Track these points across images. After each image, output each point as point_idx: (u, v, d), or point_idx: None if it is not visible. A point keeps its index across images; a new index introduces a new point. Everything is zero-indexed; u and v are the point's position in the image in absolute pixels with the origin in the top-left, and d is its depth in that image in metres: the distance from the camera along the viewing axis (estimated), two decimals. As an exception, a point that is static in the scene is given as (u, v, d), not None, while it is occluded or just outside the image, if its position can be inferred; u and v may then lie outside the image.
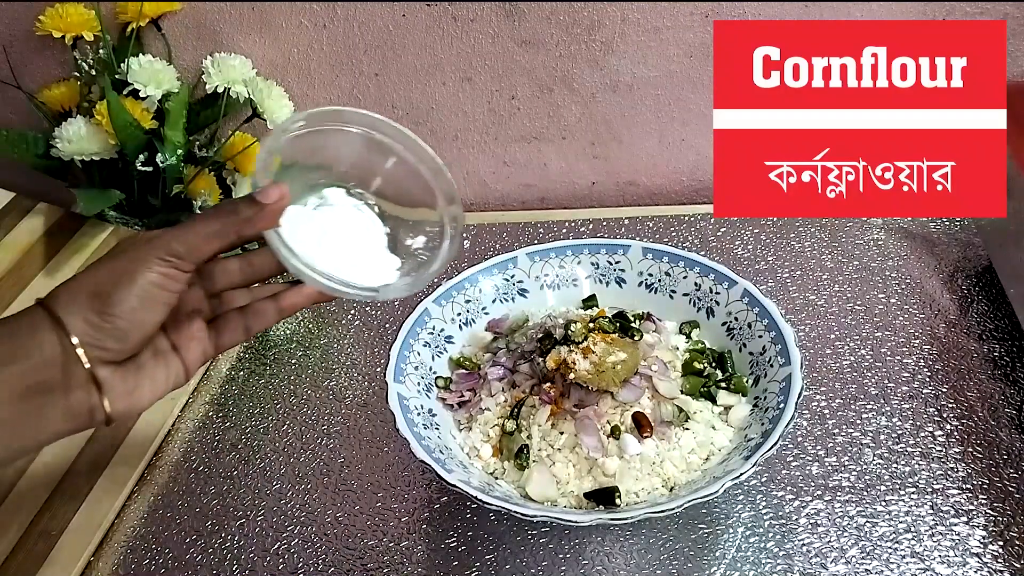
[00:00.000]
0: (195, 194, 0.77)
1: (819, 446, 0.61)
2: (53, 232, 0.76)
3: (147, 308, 0.43)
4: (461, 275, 0.66)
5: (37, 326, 0.42)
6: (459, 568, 0.55)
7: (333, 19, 0.80)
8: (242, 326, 0.50)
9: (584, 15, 0.79)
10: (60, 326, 0.41)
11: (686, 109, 0.84)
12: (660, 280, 0.66)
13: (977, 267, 0.75)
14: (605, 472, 0.54)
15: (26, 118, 0.84)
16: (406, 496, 0.60)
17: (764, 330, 0.60)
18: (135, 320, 0.43)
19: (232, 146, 0.78)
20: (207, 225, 0.44)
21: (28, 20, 0.78)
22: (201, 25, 0.81)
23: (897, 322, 0.70)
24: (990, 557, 0.53)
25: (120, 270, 0.42)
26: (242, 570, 0.56)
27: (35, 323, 0.42)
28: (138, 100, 0.75)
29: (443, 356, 0.63)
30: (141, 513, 0.61)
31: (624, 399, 0.56)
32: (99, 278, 0.42)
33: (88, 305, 0.42)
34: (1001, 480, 0.58)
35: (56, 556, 0.57)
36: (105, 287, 0.42)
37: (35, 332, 0.41)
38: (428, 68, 0.83)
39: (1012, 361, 0.66)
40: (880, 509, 0.56)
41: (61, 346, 0.41)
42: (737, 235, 0.81)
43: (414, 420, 0.56)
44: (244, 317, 0.50)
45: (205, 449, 0.65)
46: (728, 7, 0.78)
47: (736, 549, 0.55)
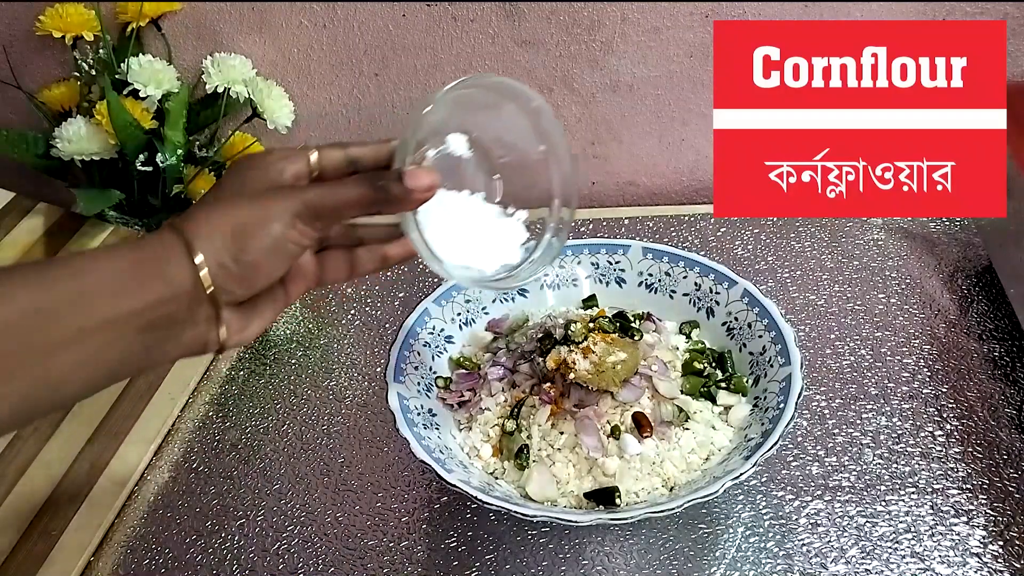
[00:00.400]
0: (195, 194, 0.77)
1: (819, 446, 0.61)
2: (53, 232, 0.76)
3: (277, 261, 0.43)
4: (461, 275, 0.66)
5: (170, 256, 0.40)
6: (459, 568, 0.55)
7: (333, 19, 0.80)
8: (346, 266, 0.49)
9: (584, 15, 0.79)
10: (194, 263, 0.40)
11: (686, 109, 0.84)
12: (660, 280, 0.66)
13: (977, 267, 0.75)
14: (605, 472, 0.54)
15: (26, 118, 0.84)
16: (406, 496, 0.60)
17: (764, 330, 0.60)
18: (263, 271, 0.42)
19: (232, 146, 0.79)
20: (351, 193, 0.43)
21: (28, 20, 0.78)
22: (201, 25, 0.81)
23: (897, 322, 0.70)
24: (990, 557, 0.53)
25: (258, 218, 0.41)
26: (242, 570, 0.56)
27: (168, 253, 0.40)
28: (138, 100, 0.75)
29: (443, 356, 0.63)
30: (141, 513, 0.61)
31: (624, 399, 0.56)
32: (239, 220, 0.41)
33: (224, 247, 0.41)
34: (1001, 480, 0.58)
35: (56, 556, 0.57)
36: (243, 232, 0.41)
37: (168, 263, 0.40)
38: (428, 68, 0.83)
39: (1012, 361, 0.66)
40: (880, 509, 0.56)
41: (192, 284, 0.40)
42: (737, 235, 0.81)
43: (414, 420, 0.56)
44: (349, 257, 0.49)
45: (205, 449, 0.65)
46: (728, 7, 0.78)
47: (736, 549, 0.55)
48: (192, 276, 0.40)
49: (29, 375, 0.37)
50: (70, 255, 0.41)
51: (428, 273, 0.79)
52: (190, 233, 0.41)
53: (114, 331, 0.39)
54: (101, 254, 0.41)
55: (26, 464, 0.63)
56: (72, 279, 0.39)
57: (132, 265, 0.40)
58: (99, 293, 0.39)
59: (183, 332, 0.42)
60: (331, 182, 0.45)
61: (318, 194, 0.43)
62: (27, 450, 0.64)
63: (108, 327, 0.39)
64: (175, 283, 0.40)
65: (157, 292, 0.40)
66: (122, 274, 0.40)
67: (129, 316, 0.39)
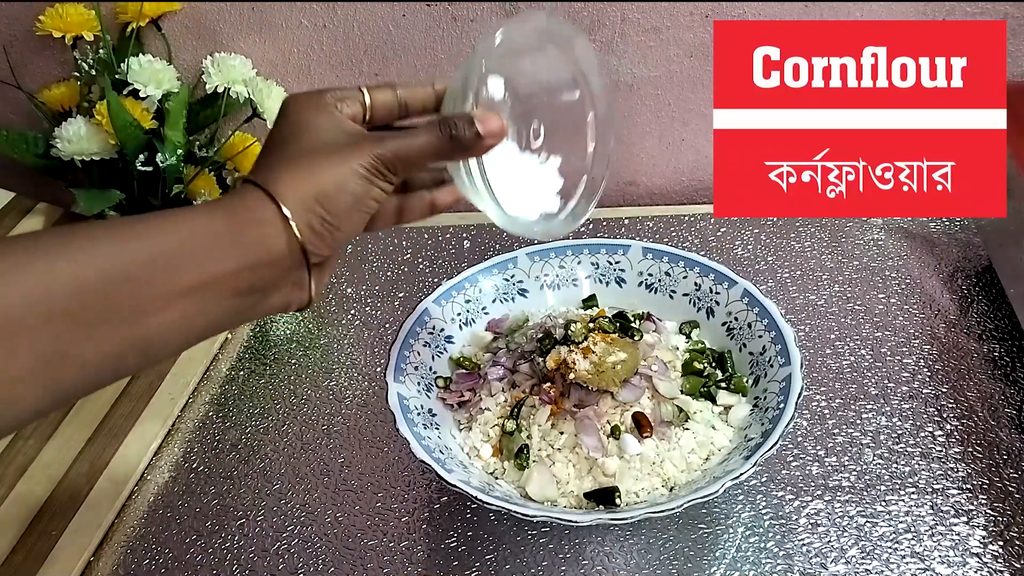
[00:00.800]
0: (195, 194, 0.77)
1: (819, 446, 0.61)
2: (53, 232, 0.76)
3: (358, 218, 0.43)
4: (461, 275, 0.66)
5: (264, 221, 0.40)
6: (459, 568, 0.55)
7: (333, 19, 0.80)
8: (394, 212, 0.49)
9: (584, 15, 0.79)
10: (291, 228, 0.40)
11: (686, 109, 0.84)
12: (660, 280, 0.66)
13: (977, 267, 0.75)
14: (605, 472, 0.54)
15: (26, 118, 0.84)
16: (406, 496, 0.60)
17: (764, 330, 0.60)
18: (346, 229, 0.43)
19: (232, 146, 0.79)
20: (425, 142, 0.43)
21: (28, 20, 0.78)
22: (201, 25, 0.81)
23: (897, 322, 0.70)
24: (990, 557, 0.53)
25: (338, 178, 0.41)
26: (242, 570, 0.56)
27: (262, 217, 0.40)
28: (138, 100, 0.75)
29: (443, 356, 0.63)
30: (141, 513, 0.61)
31: (624, 399, 0.56)
32: (321, 182, 0.41)
33: (310, 209, 0.41)
34: (1001, 480, 0.58)
35: (56, 556, 0.57)
36: (326, 195, 0.41)
37: (264, 225, 0.40)
38: (428, 68, 0.83)
39: (1012, 361, 0.66)
40: (880, 509, 0.56)
41: (289, 248, 0.41)
42: (737, 235, 0.81)
43: (414, 420, 0.56)
44: (398, 204, 0.49)
45: (205, 449, 0.65)
46: (728, 7, 0.78)
47: (736, 549, 0.55)
48: (289, 240, 0.40)
49: (116, 336, 0.37)
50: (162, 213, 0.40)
51: (428, 273, 0.79)
52: (281, 195, 0.40)
53: (208, 294, 0.39)
54: (194, 213, 0.40)
55: (26, 464, 0.63)
56: (165, 238, 0.38)
57: (229, 227, 0.40)
58: (194, 255, 0.38)
59: (274, 294, 0.42)
60: (402, 132, 0.44)
61: (392, 147, 0.43)
62: (27, 450, 0.64)
63: (202, 289, 0.38)
64: (272, 247, 0.40)
65: (255, 255, 0.40)
66: (219, 236, 0.39)
67: (224, 278, 0.39)
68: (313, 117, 0.44)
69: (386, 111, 0.47)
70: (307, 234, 0.41)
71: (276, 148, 0.43)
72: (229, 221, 0.40)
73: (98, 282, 0.36)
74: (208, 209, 0.40)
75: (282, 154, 0.43)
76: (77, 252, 0.36)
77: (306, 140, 0.43)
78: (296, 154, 0.42)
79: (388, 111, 0.47)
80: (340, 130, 0.44)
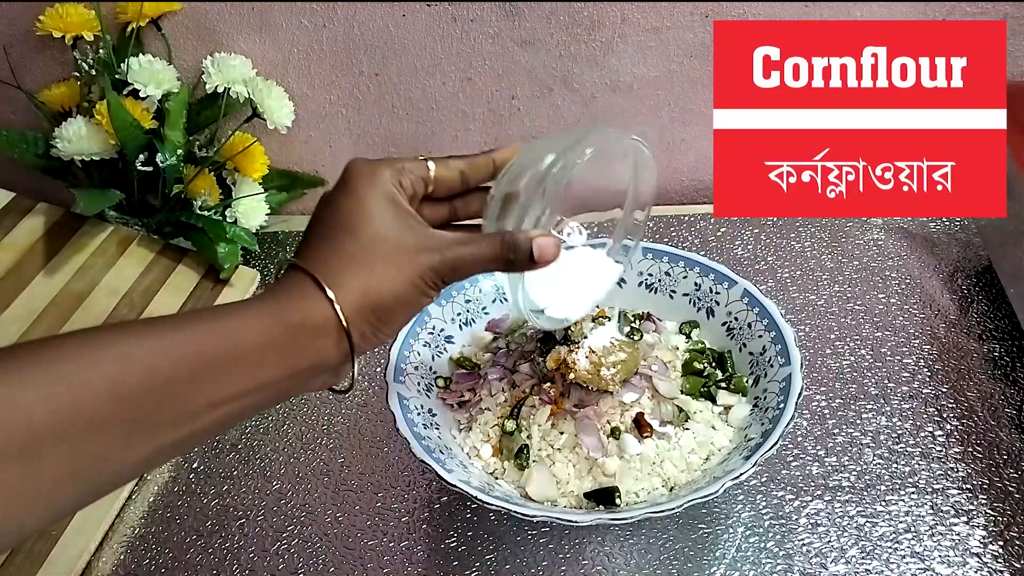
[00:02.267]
0: (195, 194, 0.77)
1: (819, 446, 0.61)
2: (53, 232, 0.76)
3: (403, 323, 0.44)
4: (461, 275, 0.66)
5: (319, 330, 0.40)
6: (459, 568, 0.55)
7: (333, 19, 0.80)
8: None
9: (584, 15, 0.79)
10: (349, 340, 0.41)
11: (686, 109, 0.84)
12: (660, 280, 0.66)
13: (977, 267, 0.75)
14: (605, 472, 0.54)
15: (26, 118, 0.84)
16: (406, 496, 0.60)
17: (764, 330, 0.60)
18: (391, 334, 0.43)
19: (232, 146, 0.78)
20: (482, 258, 0.44)
21: (28, 20, 0.78)
22: (201, 25, 0.81)
23: (897, 322, 0.70)
24: (990, 557, 0.53)
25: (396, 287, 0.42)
26: (242, 570, 0.56)
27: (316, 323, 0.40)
28: (138, 100, 0.75)
29: (443, 356, 0.63)
30: (141, 513, 0.61)
31: (624, 399, 0.56)
32: (380, 291, 0.41)
33: (367, 319, 0.41)
34: (1001, 480, 0.58)
35: (56, 556, 0.57)
36: (385, 304, 0.41)
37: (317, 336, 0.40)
38: (428, 68, 0.83)
39: (1012, 361, 0.66)
40: (880, 509, 0.56)
41: (339, 355, 0.41)
42: (737, 235, 0.81)
43: (414, 420, 0.56)
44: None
45: (205, 449, 0.65)
46: (728, 7, 0.78)
47: (736, 549, 0.55)
48: (341, 348, 0.41)
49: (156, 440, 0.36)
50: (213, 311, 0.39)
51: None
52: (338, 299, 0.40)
53: (254, 397, 0.38)
54: (245, 313, 0.39)
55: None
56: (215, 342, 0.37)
57: (283, 333, 0.39)
58: (244, 362, 0.38)
59: (313, 384, 0.42)
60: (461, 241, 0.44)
61: (451, 261, 0.43)
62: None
63: (249, 394, 0.38)
64: (324, 355, 0.40)
65: (308, 362, 0.40)
66: (271, 344, 0.38)
67: (272, 384, 0.39)
68: (376, 201, 0.43)
69: (447, 186, 0.47)
70: (357, 339, 0.41)
71: (332, 232, 0.42)
72: (283, 326, 0.39)
73: (141, 389, 0.35)
74: (260, 308, 0.39)
75: (339, 244, 0.42)
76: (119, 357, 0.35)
77: (365, 233, 0.42)
78: (354, 249, 0.42)
79: (449, 185, 0.47)
80: (402, 227, 0.43)
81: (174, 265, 0.78)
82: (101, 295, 0.72)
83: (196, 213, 0.77)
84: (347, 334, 0.40)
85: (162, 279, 0.76)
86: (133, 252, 0.77)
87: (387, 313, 0.42)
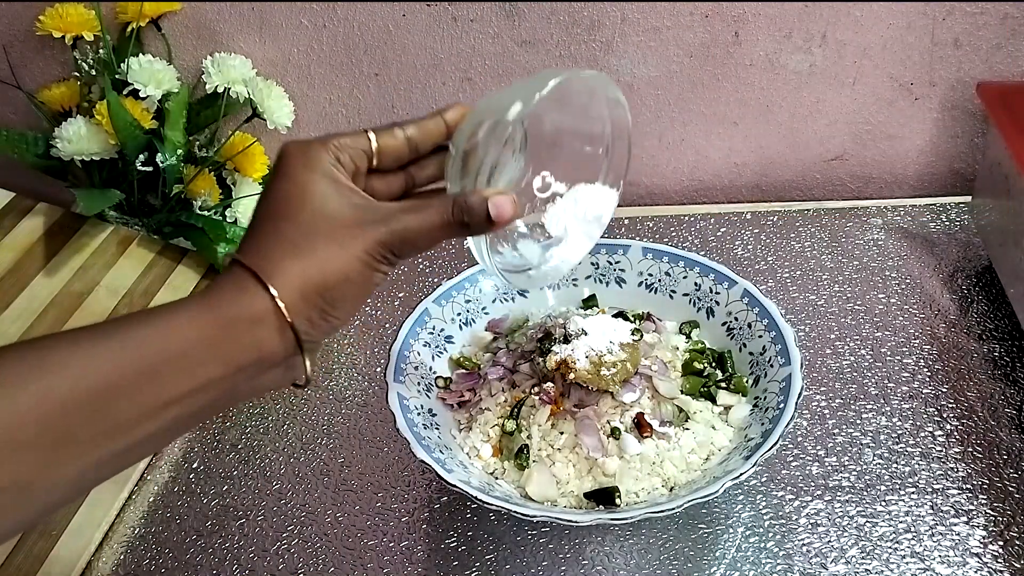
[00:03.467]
0: (195, 194, 0.77)
1: (819, 446, 0.61)
2: (53, 232, 0.76)
3: (356, 305, 0.41)
4: (461, 275, 0.66)
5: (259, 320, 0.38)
6: (459, 568, 0.55)
7: (333, 19, 0.80)
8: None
9: (584, 15, 0.79)
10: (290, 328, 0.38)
11: (686, 109, 0.84)
12: (660, 280, 0.66)
13: (977, 267, 0.75)
14: (605, 472, 0.54)
15: (26, 118, 0.84)
16: (406, 496, 0.60)
17: (764, 330, 0.60)
18: (344, 317, 0.41)
19: (232, 146, 0.78)
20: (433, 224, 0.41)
21: (28, 20, 0.78)
22: (201, 25, 0.81)
23: (897, 322, 0.70)
24: (990, 557, 0.53)
25: (340, 265, 0.39)
26: (242, 570, 0.56)
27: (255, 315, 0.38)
28: (138, 100, 0.75)
29: (443, 356, 0.63)
30: (141, 513, 0.61)
31: (624, 399, 0.56)
32: (324, 271, 0.39)
33: (313, 303, 0.39)
34: (1001, 480, 0.58)
35: (56, 556, 0.57)
36: (330, 285, 0.39)
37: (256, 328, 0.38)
38: (428, 68, 0.83)
39: (1012, 361, 0.66)
40: (880, 509, 0.56)
41: (283, 346, 0.39)
42: (737, 235, 0.81)
43: (414, 420, 0.56)
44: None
45: (205, 449, 0.65)
46: (728, 7, 0.78)
47: (736, 549, 0.55)
48: (285, 337, 0.39)
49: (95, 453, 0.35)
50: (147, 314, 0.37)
51: (428, 273, 0.79)
52: (278, 287, 0.38)
53: (196, 397, 0.37)
54: (181, 316, 0.37)
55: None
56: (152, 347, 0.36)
57: (221, 330, 0.37)
58: (183, 363, 0.36)
59: (266, 381, 0.40)
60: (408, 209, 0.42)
61: (399, 231, 0.40)
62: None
63: (191, 395, 0.37)
64: (266, 347, 0.38)
65: (249, 357, 0.38)
66: (209, 343, 0.37)
67: (215, 382, 0.37)
68: (313, 182, 0.41)
69: (394, 156, 0.44)
70: (304, 327, 0.39)
71: (270, 220, 0.40)
72: (221, 323, 0.37)
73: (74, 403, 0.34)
74: (197, 308, 0.38)
75: (277, 232, 0.40)
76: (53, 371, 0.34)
77: (305, 215, 0.40)
78: (293, 234, 0.39)
79: (396, 155, 0.44)
80: (342, 204, 0.41)
81: (174, 265, 0.78)
82: (101, 295, 0.72)
83: (196, 213, 0.77)
84: (287, 319, 0.38)
85: (162, 279, 0.76)
86: (133, 252, 0.77)
87: (335, 295, 0.39)
